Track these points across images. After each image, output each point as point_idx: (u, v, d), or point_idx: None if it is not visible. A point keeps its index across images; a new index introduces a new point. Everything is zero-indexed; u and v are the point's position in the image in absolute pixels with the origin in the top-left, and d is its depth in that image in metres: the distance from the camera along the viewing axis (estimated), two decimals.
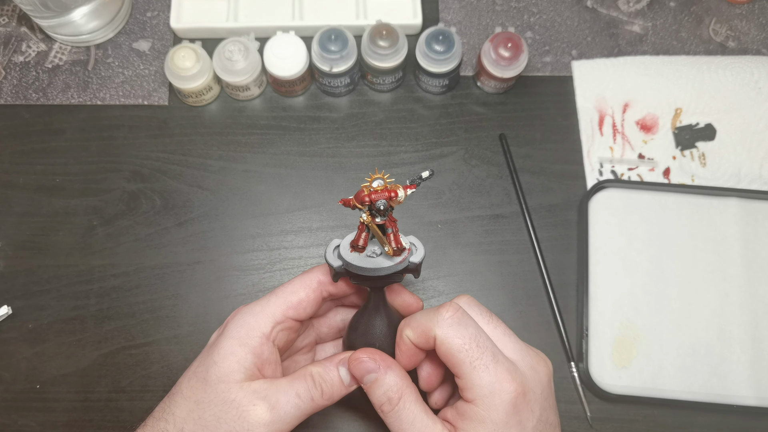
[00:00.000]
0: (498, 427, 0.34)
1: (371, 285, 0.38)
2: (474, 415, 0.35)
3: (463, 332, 0.35)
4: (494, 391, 0.35)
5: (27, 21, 0.57)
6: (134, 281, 0.51)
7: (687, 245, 0.51)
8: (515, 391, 0.35)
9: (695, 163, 0.54)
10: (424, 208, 0.53)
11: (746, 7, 0.59)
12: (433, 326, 0.36)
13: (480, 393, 0.35)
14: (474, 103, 0.56)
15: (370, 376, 0.36)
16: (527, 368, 0.36)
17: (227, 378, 0.35)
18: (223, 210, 0.53)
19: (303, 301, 0.38)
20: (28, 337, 0.49)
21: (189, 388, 0.36)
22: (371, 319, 0.39)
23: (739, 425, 0.48)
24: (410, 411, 0.36)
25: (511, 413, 0.34)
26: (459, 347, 0.35)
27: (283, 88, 0.54)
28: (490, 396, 0.35)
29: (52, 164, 0.54)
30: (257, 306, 0.38)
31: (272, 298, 0.38)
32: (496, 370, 0.35)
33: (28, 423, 0.47)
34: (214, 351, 0.36)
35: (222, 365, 0.36)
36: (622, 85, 0.56)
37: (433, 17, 0.58)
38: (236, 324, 0.37)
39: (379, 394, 0.36)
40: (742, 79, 0.56)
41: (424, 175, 0.36)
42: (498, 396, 0.34)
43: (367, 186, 0.35)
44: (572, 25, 0.58)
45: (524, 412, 0.35)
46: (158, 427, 0.36)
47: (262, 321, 0.37)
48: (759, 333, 0.49)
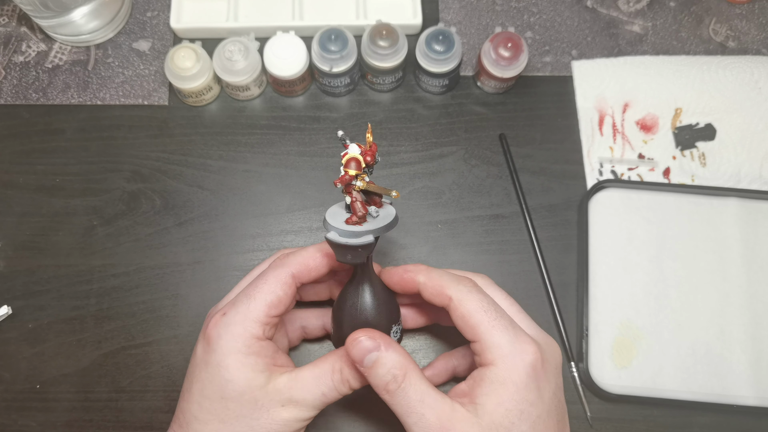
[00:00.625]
0: (519, 389, 0.34)
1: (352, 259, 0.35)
2: (494, 377, 0.34)
3: (481, 297, 0.36)
4: (515, 350, 0.34)
5: (27, 21, 0.57)
6: (134, 281, 0.51)
7: (687, 245, 0.51)
8: (535, 353, 0.34)
9: (695, 163, 0.54)
10: (424, 208, 0.53)
11: (746, 7, 0.59)
12: (451, 286, 0.36)
13: (500, 353, 0.34)
14: (474, 103, 0.56)
15: (371, 356, 0.35)
16: (542, 342, 0.36)
17: (250, 388, 0.35)
18: (223, 210, 0.53)
19: (282, 299, 0.37)
20: (28, 337, 0.49)
21: (204, 410, 0.36)
22: (357, 293, 0.38)
23: (739, 425, 0.48)
24: (417, 387, 0.34)
25: (531, 376, 0.34)
26: (477, 308, 0.35)
27: (283, 88, 0.54)
28: (510, 356, 0.34)
29: (52, 164, 0.54)
30: (238, 314, 0.36)
31: (251, 302, 0.37)
32: (515, 332, 0.35)
33: (28, 423, 0.47)
34: (220, 370, 0.35)
35: (240, 379, 0.35)
36: (622, 85, 0.56)
37: (433, 17, 0.58)
38: (228, 337, 0.36)
39: (382, 373, 0.35)
40: (742, 79, 0.56)
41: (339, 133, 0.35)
42: (519, 356, 0.34)
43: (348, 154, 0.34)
44: (572, 25, 0.58)
45: (542, 379, 0.34)
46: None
47: (252, 327, 0.36)
48: (759, 333, 0.49)
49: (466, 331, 0.36)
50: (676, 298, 0.50)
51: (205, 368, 0.36)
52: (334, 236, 0.34)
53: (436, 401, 0.34)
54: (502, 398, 0.34)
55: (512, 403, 0.34)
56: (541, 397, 0.34)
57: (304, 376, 0.36)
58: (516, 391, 0.34)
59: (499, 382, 0.34)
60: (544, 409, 0.34)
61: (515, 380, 0.34)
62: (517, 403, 0.34)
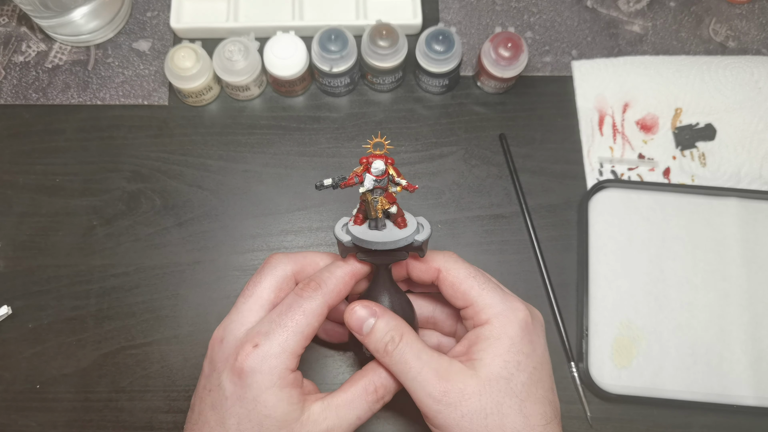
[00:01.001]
0: (514, 342, 0.35)
1: (377, 261, 0.38)
2: (489, 334, 0.36)
3: (467, 265, 0.38)
4: (507, 309, 0.36)
5: (27, 21, 0.57)
6: (134, 281, 0.51)
7: (687, 245, 0.51)
8: (524, 310, 0.36)
9: (695, 163, 0.54)
10: (424, 208, 0.53)
11: (746, 7, 0.59)
12: (437, 259, 0.38)
13: (494, 311, 0.36)
14: (474, 103, 0.56)
15: (368, 322, 0.37)
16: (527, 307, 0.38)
17: (287, 423, 0.35)
18: (223, 210, 0.53)
19: (316, 329, 0.37)
20: (28, 337, 0.49)
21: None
22: (377, 297, 0.39)
23: (739, 425, 0.48)
24: (414, 346, 0.36)
25: (524, 330, 0.36)
26: (465, 275, 0.37)
27: (283, 88, 0.54)
28: (504, 313, 0.36)
29: (52, 164, 0.54)
30: (274, 346, 0.35)
31: (288, 334, 0.36)
32: (503, 293, 0.37)
33: (28, 423, 0.47)
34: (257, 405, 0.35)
35: (278, 414, 0.35)
36: (622, 85, 0.56)
37: (433, 17, 0.58)
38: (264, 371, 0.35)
39: (380, 336, 0.36)
40: (742, 79, 0.56)
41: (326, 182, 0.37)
42: (512, 313, 0.36)
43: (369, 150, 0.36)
44: (572, 25, 0.58)
45: (534, 333, 0.37)
46: None
47: (288, 360, 0.36)
48: (759, 333, 0.49)
49: (456, 297, 0.38)
50: (676, 298, 0.50)
51: (240, 403, 0.35)
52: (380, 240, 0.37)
53: (432, 358, 0.36)
54: (499, 351, 0.35)
55: (509, 355, 0.35)
56: (535, 351, 0.36)
57: (338, 403, 0.36)
58: (512, 345, 0.35)
59: (495, 337, 0.36)
60: (539, 360, 0.36)
61: (510, 335, 0.36)
62: (514, 355, 0.35)
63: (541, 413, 0.35)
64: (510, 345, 0.35)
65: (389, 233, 0.37)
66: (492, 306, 0.36)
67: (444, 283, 0.38)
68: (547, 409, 0.36)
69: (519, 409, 0.35)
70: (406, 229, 0.37)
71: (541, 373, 0.36)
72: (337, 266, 0.38)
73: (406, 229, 0.37)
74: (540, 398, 0.36)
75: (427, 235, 0.38)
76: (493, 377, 0.35)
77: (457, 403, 0.34)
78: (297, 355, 0.36)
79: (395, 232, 0.37)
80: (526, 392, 0.35)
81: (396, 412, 0.48)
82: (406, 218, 0.38)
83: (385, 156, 0.36)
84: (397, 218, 0.38)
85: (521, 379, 0.35)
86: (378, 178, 0.35)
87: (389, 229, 0.38)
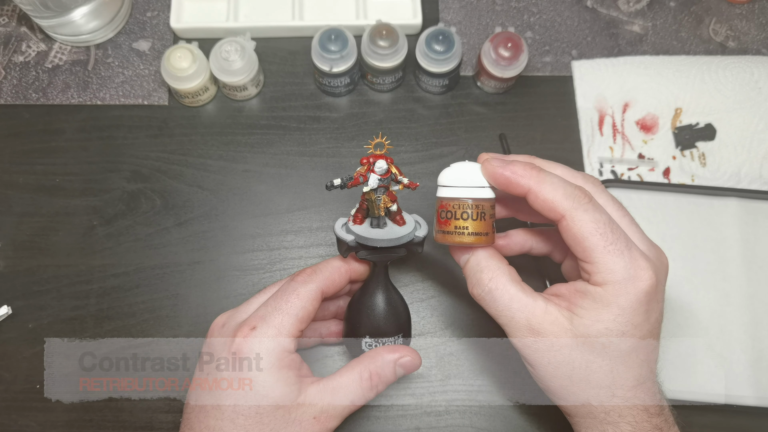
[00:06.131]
0: (624, 312, 0.34)
1: (378, 258, 0.39)
2: (599, 297, 0.34)
3: (597, 216, 0.34)
4: (629, 277, 0.34)
5: (27, 21, 0.57)
6: (134, 281, 0.51)
7: (687, 245, 0.51)
8: (650, 279, 0.34)
9: (695, 163, 0.54)
10: (424, 208, 0.53)
11: (746, 7, 0.59)
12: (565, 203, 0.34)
13: (612, 278, 0.34)
14: (474, 103, 0.56)
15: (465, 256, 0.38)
16: (655, 259, 0.36)
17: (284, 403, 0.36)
18: (223, 210, 0.53)
19: (311, 313, 0.38)
20: (28, 337, 0.49)
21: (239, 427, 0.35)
22: (374, 294, 0.40)
23: (739, 425, 0.48)
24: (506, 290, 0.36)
25: (642, 302, 0.34)
26: (592, 230, 0.34)
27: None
28: (623, 282, 0.34)
29: (52, 164, 0.54)
30: (270, 328, 0.36)
31: (283, 316, 0.37)
32: (631, 257, 0.34)
33: (28, 423, 0.47)
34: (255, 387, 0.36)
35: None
36: (622, 85, 0.56)
37: (433, 17, 0.58)
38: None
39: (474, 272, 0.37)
40: (742, 79, 0.56)
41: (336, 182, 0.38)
42: (632, 283, 0.34)
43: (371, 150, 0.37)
44: (572, 25, 0.58)
45: (653, 302, 0.35)
46: None
47: (284, 341, 0.36)
48: (759, 333, 0.49)
49: (578, 251, 0.35)
50: (676, 298, 0.50)
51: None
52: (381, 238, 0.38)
53: (525, 305, 0.35)
54: (603, 317, 0.34)
55: (614, 324, 0.34)
56: (648, 320, 0.34)
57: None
58: (620, 314, 0.34)
59: (603, 302, 0.34)
60: (648, 330, 0.34)
61: (622, 304, 0.34)
62: (620, 325, 0.34)
63: (635, 376, 0.34)
64: (618, 314, 0.33)
65: (390, 231, 0.38)
66: (613, 272, 0.33)
67: (567, 232, 0.35)
68: (642, 371, 0.35)
69: (609, 369, 0.34)
70: (406, 227, 0.39)
71: (647, 340, 0.34)
72: (335, 258, 0.40)
73: (406, 227, 0.39)
74: (637, 362, 0.34)
75: (426, 231, 0.39)
76: (588, 339, 0.34)
77: (546, 351, 0.34)
78: (293, 336, 0.37)
79: (396, 229, 0.39)
80: (622, 358, 0.34)
81: (395, 412, 0.48)
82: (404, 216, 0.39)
83: (385, 156, 0.36)
84: (396, 216, 0.39)
85: (621, 347, 0.34)
86: (382, 177, 0.36)
87: (390, 227, 0.39)
